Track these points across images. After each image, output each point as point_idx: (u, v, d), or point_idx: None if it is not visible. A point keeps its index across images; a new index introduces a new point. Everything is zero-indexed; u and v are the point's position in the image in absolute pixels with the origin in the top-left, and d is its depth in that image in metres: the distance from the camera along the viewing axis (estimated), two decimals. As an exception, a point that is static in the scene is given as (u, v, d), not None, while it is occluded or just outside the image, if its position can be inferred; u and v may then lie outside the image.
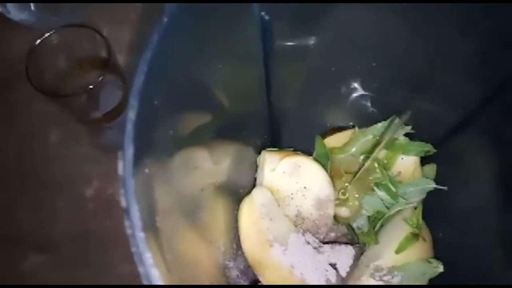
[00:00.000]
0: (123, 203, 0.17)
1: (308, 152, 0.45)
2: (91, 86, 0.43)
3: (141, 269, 0.17)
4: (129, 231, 0.17)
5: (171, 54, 0.21)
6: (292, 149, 0.46)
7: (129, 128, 0.18)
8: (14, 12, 0.55)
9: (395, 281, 0.35)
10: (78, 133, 0.53)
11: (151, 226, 0.19)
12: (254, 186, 0.43)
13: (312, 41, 0.33)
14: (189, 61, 0.24)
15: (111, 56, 0.45)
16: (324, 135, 0.45)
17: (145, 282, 0.17)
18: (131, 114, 0.18)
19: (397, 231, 0.38)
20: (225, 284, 0.35)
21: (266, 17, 0.27)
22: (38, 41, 0.52)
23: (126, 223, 0.17)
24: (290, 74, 0.36)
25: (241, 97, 0.34)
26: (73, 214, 0.50)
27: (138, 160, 0.18)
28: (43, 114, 0.54)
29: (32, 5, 0.56)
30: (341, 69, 0.37)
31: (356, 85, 0.39)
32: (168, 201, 0.25)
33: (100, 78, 0.43)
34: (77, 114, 0.50)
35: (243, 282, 0.39)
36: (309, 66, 0.35)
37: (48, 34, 0.52)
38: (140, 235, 0.17)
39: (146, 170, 0.20)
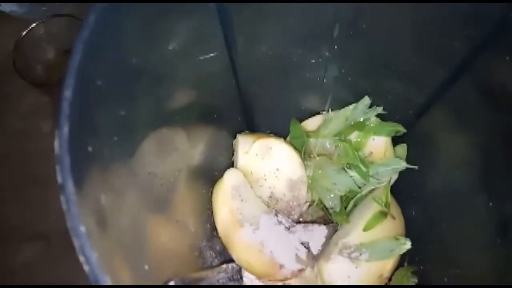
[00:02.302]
0: (58, 179, 0.18)
1: (285, 135, 0.45)
2: None
3: (75, 242, 0.18)
4: (64, 207, 0.18)
5: (114, 36, 0.22)
6: (268, 132, 0.46)
7: (65, 106, 0.18)
8: (4, 3, 0.55)
9: (363, 258, 0.36)
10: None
11: (93, 203, 0.20)
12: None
13: (272, 25, 0.33)
14: (139, 45, 0.25)
15: None
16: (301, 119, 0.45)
17: (79, 254, 0.18)
18: (67, 93, 0.19)
19: (366, 210, 0.38)
20: (196, 262, 0.36)
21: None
22: (24, 32, 0.52)
23: (61, 198, 0.18)
24: (256, 57, 0.36)
25: (205, 80, 0.34)
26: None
27: (77, 138, 0.19)
28: (34, 107, 0.55)
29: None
30: (307, 53, 0.37)
31: (325, 68, 0.39)
32: (125, 180, 0.26)
33: None
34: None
35: (217, 262, 0.40)
36: (274, 49, 0.35)
37: (34, 25, 0.52)
38: (74, 210, 0.18)
39: (89, 149, 0.21)
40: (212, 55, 0.34)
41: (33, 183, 0.51)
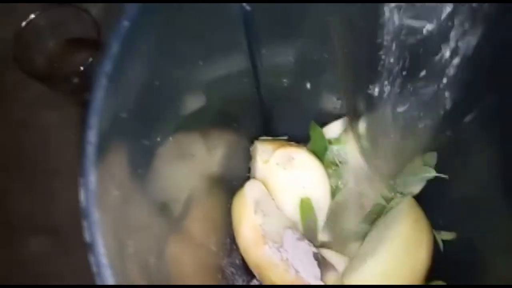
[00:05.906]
0: (87, 237, 0.16)
1: (302, 140, 0.43)
2: (82, 68, 0.42)
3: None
4: (94, 270, 0.16)
5: (137, 62, 0.19)
6: (286, 137, 0.44)
7: (90, 151, 0.16)
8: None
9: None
10: (72, 115, 0.52)
11: (121, 255, 0.18)
12: (248, 177, 0.42)
13: (297, 29, 0.30)
14: (161, 65, 0.22)
15: (101, 36, 0.43)
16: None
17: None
18: (91, 135, 0.16)
19: (393, 226, 0.36)
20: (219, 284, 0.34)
21: (247, 8, 0.25)
22: (24, 23, 0.49)
23: (91, 259, 0.16)
24: (277, 62, 0.33)
25: (227, 89, 0.32)
26: (70, 196, 0.49)
27: (103, 186, 0.17)
28: (35, 97, 0.53)
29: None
30: (332, 56, 0.34)
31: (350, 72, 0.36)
32: (147, 212, 0.24)
33: (91, 59, 0.41)
34: (69, 96, 0.49)
35: (238, 278, 0.38)
36: (297, 54, 0.33)
37: (34, 15, 0.49)
38: (106, 272, 0.15)
39: (116, 193, 0.18)
40: (234, 61, 0.31)
41: (40, 174, 0.50)
